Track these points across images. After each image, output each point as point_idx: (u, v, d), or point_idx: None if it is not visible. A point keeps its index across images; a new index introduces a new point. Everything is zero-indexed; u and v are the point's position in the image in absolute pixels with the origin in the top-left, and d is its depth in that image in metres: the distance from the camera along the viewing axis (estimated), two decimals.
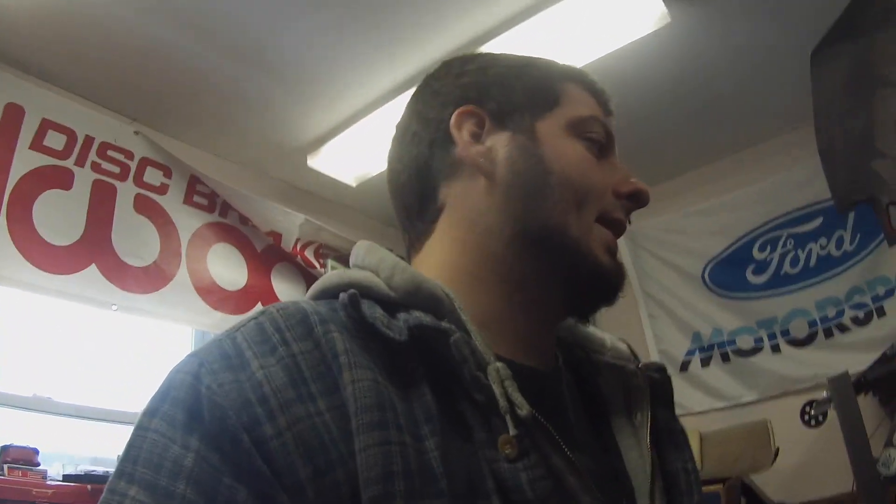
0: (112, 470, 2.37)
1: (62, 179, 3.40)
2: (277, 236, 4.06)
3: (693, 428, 3.80)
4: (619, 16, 3.28)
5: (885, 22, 2.02)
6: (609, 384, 1.03)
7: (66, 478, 2.68)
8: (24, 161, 3.27)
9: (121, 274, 3.47)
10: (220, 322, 3.77)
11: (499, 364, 0.76)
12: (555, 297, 0.95)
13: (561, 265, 0.93)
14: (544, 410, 0.79)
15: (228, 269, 3.95)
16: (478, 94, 1.02)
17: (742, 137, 4.41)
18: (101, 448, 3.22)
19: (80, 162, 3.47)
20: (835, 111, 2.20)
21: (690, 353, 4.48)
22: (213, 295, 3.81)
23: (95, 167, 3.53)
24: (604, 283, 0.95)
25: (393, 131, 1.10)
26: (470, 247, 0.95)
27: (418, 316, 0.78)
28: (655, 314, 4.64)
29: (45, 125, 3.37)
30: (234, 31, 3.28)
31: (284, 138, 4.07)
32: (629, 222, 1.02)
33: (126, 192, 3.62)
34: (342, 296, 0.80)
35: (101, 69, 3.46)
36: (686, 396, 4.29)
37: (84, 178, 3.47)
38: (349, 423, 0.68)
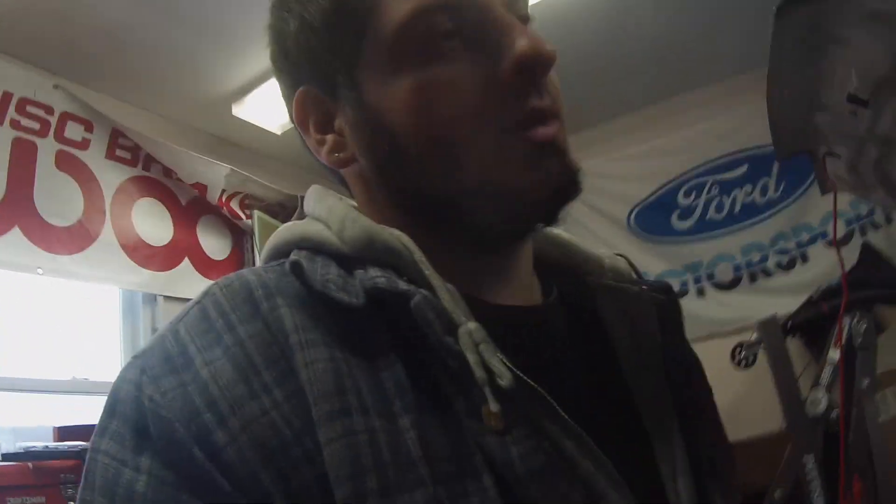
0: (47, 444, 2.34)
1: None
2: (203, 188, 4.00)
3: None
4: None
5: None
6: (610, 311, 0.90)
7: (6, 457, 2.62)
8: None
9: (45, 235, 3.37)
10: (150, 280, 3.73)
11: (471, 325, 0.67)
12: (493, 237, 0.80)
13: (479, 222, 0.77)
14: (535, 358, 0.73)
15: (153, 224, 3.86)
16: (297, 67, 0.85)
17: (670, 85, 4.45)
18: (26, 419, 3.17)
19: None
20: (786, 65, 2.23)
21: None
22: (139, 252, 3.73)
23: (14, 124, 3.39)
24: (540, 201, 0.76)
25: None
26: (386, 222, 0.78)
27: (373, 275, 0.70)
28: None
29: None
30: None
31: (209, 88, 3.96)
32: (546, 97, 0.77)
33: (47, 148, 3.49)
34: (286, 263, 0.72)
35: (16, 22, 3.29)
36: None
37: (3, 137, 3.34)
38: (311, 411, 0.62)
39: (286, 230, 0.83)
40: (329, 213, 0.79)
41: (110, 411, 0.65)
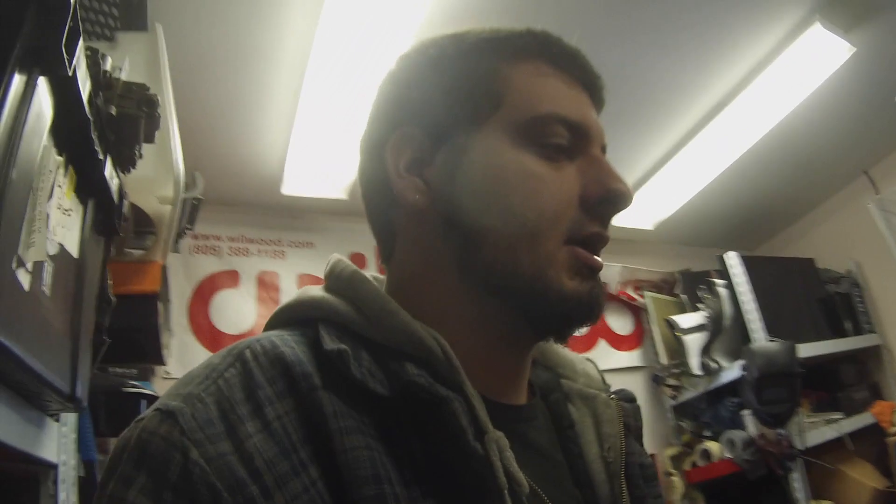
0: None
1: None
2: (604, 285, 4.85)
3: None
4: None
5: None
6: (581, 413, 0.94)
7: None
8: None
9: None
10: None
11: (497, 434, 0.70)
12: (522, 329, 0.83)
13: (518, 304, 0.80)
14: (524, 457, 0.75)
15: None
16: (411, 111, 0.88)
17: None
18: None
19: None
20: None
21: None
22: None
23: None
24: (571, 312, 0.81)
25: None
26: (424, 282, 0.85)
27: (413, 373, 0.70)
28: None
29: None
30: None
31: None
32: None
33: None
34: (331, 348, 0.72)
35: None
36: None
37: None
38: (342, 492, 0.63)
39: (308, 300, 0.84)
40: (364, 299, 0.80)
41: (136, 462, 0.62)
